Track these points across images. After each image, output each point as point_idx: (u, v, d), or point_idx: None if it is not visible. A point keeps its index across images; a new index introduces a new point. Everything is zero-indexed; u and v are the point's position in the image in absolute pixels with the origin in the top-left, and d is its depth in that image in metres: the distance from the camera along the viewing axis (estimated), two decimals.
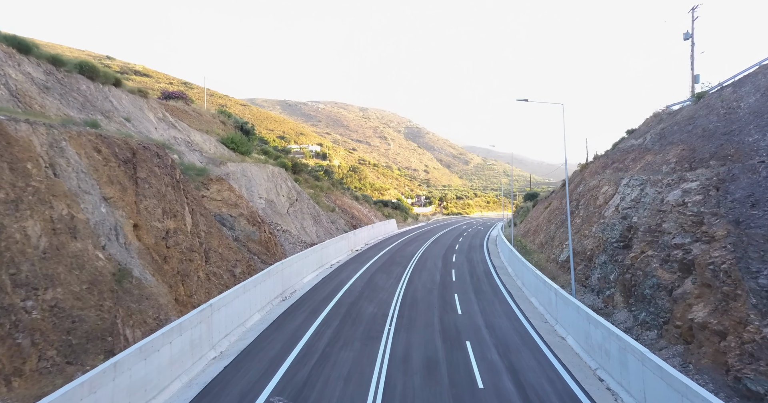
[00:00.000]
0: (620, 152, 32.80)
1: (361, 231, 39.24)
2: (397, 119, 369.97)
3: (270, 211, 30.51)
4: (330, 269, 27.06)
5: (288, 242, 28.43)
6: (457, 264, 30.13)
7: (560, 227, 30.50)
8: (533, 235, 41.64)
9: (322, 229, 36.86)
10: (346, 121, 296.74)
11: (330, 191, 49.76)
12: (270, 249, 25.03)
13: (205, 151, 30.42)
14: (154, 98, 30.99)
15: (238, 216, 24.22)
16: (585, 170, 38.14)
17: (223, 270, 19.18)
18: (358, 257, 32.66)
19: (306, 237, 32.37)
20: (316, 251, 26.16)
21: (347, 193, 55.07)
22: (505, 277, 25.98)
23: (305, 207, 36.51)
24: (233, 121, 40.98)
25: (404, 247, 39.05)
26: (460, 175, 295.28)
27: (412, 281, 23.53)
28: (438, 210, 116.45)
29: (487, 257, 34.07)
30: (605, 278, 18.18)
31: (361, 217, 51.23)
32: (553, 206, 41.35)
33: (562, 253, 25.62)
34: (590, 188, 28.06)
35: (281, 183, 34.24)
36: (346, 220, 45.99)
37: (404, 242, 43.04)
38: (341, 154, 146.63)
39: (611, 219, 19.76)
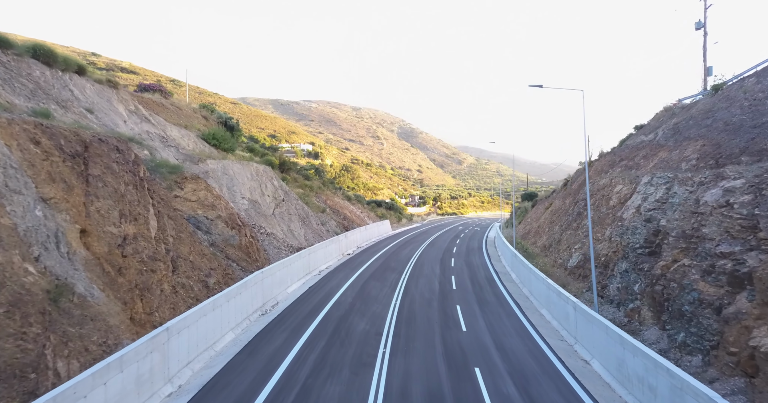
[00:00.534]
0: (629, 149, 30.84)
1: (353, 233, 36.97)
2: (390, 119, 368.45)
3: (253, 212, 28.15)
4: (318, 276, 24.76)
5: (272, 247, 26.08)
6: (457, 269, 27.96)
7: (566, 229, 28.45)
8: (534, 237, 39.62)
9: (311, 231, 34.53)
10: (338, 120, 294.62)
11: (320, 191, 47.42)
12: (251, 255, 22.68)
13: (183, 148, 27.98)
14: (126, 90, 28.49)
15: (215, 218, 21.85)
16: (589, 169, 36.18)
17: (193, 281, 16.81)
18: (349, 261, 30.38)
19: (293, 240, 30.03)
20: (303, 256, 23.85)
21: (339, 193, 52.75)
22: (510, 284, 23.85)
23: (293, 208, 34.16)
24: (216, 116, 38.52)
25: (399, 250, 36.83)
26: (454, 175, 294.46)
27: (408, 290, 21.31)
28: (432, 210, 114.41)
29: (488, 261, 31.95)
30: (627, 289, 16.08)
31: (353, 218, 48.95)
32: (555, 207, 39.37)
33: (572, 258, 23.55)
34: (600, 188, 26.03)
35: (267, 182, 31.87)
36: (337, 221, 43.69)
37: (399, 245, 40.83)
38: (334, 154, 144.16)
39: (632, 222, 17.67)
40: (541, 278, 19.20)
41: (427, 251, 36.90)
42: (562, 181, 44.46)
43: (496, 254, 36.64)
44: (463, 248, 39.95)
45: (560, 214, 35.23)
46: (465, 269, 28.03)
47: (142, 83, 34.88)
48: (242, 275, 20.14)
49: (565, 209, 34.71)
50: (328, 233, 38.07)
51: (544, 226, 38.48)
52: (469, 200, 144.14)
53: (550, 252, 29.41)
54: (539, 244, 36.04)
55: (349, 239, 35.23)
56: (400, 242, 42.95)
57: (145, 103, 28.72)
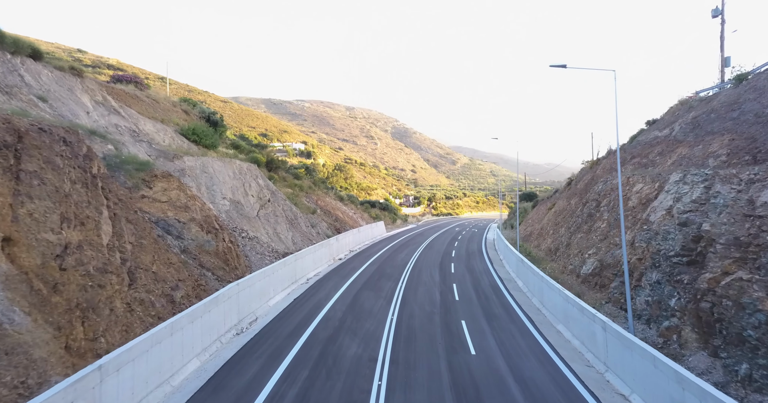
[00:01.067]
0: (641, 146, 28.77)
1: (345, 236, 34.60)
2: (384, 119, 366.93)
3: (235, 214, 25.70)
4: (306, 285, 22.36)
5: (255, 252, 23.65)
6: (458, 276, 25.69)
7: (576, 232, 26.27)
8: (537, 239, 37.48)
9: (300, 234, 32.11)
10: (332, 120, 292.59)
11: (311, 191, 44.99)
12: (229, 262, 20.24)
13: (157, 143, 25.47)
14: (95, 79, 25.90)
15: (188, 221, 19.39)
16: (596, 167, 34.10)
17: (156, 295, 14.37)
18: (341, 267, 28.00)
19: (279, 244, 27.60)
20: (289, 263, 21.44)
21: (331, 193, 50.32)
22: (517, 293, 21.61)
23: (280, 209, 31.72)
24: (198, 111, 35.97)
25: (394, 254, 34.51)
26: (447, 175, 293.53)
27: (406, 302, 18.99)
28: (427, 211, 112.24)
29: (490, 267, 29.72)
30: (660, 304, 13.88)
31: (345, 219, 46.56)
32: (559, 207, 37.25)
33: (585, 264, 21.35)
34: (614, 187, 23.86)
35: (251, 181, 29.41)
36: (328, 223, 41.29)
37: (394, 248, 38.50)
38: (327, 153, 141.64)
39: (662, 225, 15.47)
40: (555, 288, 16.96)
41: (424, 254, 34.61)
42: (566, 181, 42.39)
43: (498, 257, 34.43)
44: (463, 251, 37.72)
45: (566, 215, 33.09)
46: (467, 276, 25.77)
47: (116, 74, 32.27)
48: (217, 286, 17.73)
49: (571, 209, 32.59)
50: (318, 236, 35.68)
51: (548, 228, 36.34)
52: (464, 200, 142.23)
53: (558, 257, 27.22)
54: (543, 247, 33.89)
55: (340, 243, 32.85)
56: (396, 245, 40.63)
57: (116, 94, 26.15)
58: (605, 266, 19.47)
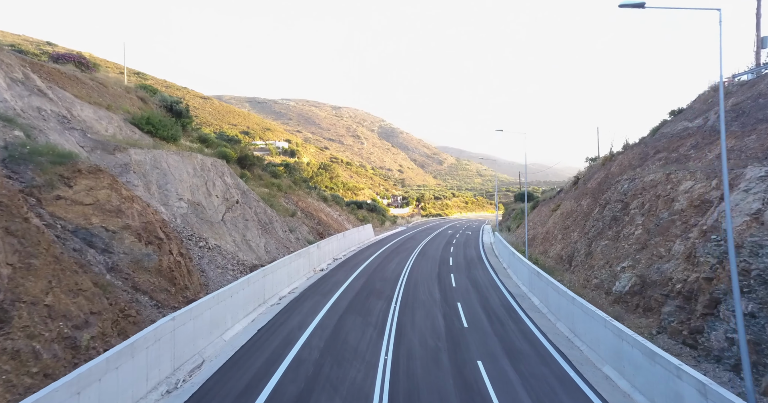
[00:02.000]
0: (666, 139, 25.13)
1: (328, 242, 30.34)
2: (371, 118, 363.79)
3: (194, 218, 21.30)
4: (277, 307, 18.08)
5: (215, 265, 19.27)
6: (461, 291, 21.66)
7: (597, 237, 22.45)
8: (543, 244, 33.73)
9: (275, 241, 27.75)
10: (318, 119, 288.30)
11: (291, 191, 40.60)
12: (177, 281, 15.87)
13: (96, 132, 20.92)
14: (16, 54, 21.21)
15: (120, 230, 14.97)
16: (610, 163, 30.45)
17: (45, 341, 9.97)
18: (322, 281, 23.76)
19: (248, 254, 23.25)
20: (255, 280, 17.14)
21: (313, 193, 45.93)
22: (536, 315, 17.66)
23: (251, 212, 27.33)
24: (159, 99, 31.33)
25: (385, 263, 30.35)
26: (435, 175, 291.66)
27: (403, 332, 14.86)
28: (416, 211, 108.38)
29: (495, 278, 25.77)
30: (759, 346, 10.02)
31: (329, 222, 42.26)
32: (566, 209, 33.54)
33: (619, 279, 17.47)
34: (647, 186, 20.10)
35: (216, 179, 24.98)
36: (310, 226, 36.98)
37: (384, 255, 34.36)
38: (312, 152, 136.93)
39: (748, 236, 11.61)
40: (598, 316, 13.00)
41: (418, 263, 30.54)
42: (571, 180, 38.75)
43: (501, 266, 30.54)
44: (461, 258, 33.76)
45: (577, 218, 29.37)
46: (472, 291, 21.75)
47: (55, 53, 27.51)
48: (155, 316, 13.40)
49: (584, 211, 28.88)
50: (297, 242, 31.37)
51: (555, 231, 32.61)
52: (453, 201, 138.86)
53: (575, 267, 23.40)
54: (552, 254, 30.12)
55: (323, 250, 28.59)
56: (386, 252, 36.48)
57: (46, 73, 21.51)
58: (649, 284, 15.61)
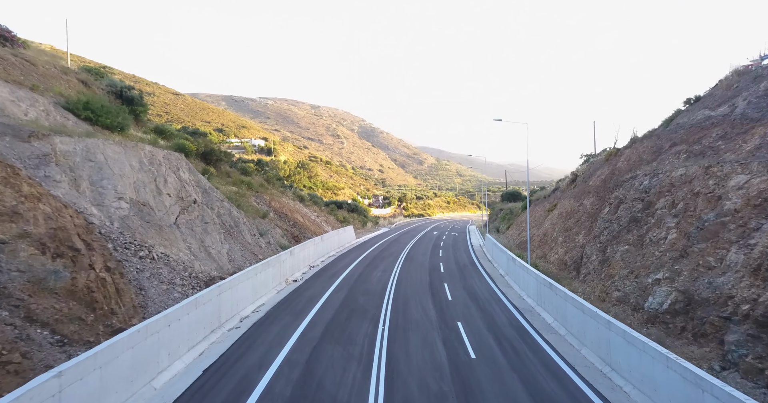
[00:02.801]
0: (684, 129, 22.42)
1: (304, 247, 26.71)
2: (351, 118, 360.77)
3: (137, 222, 17.44)
4: (235, 334, 14.43)
5: (159, 281, 15.48)
6: (460, 307, 18.39)
7: (612, 242, 19.50)
8: (540, 247, 30.86)
9: (241, 246, 24.01)
10: (296, 118, 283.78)
11: (263, 190, 36.76)
12: (100, 304, 12.09)
13: (11, 115, 16.88)
14: None
15: (13, 239, 11.14)
16: (616, 159, 27.73)
17: None
18: (294, 295, 20.16)
19: (206, 264, 19.49)
20: (205, 301, 13.48)
21: (288, 192, 42.08)
22: (554, 338, 14.51)
23: (213, 213, 23.53)
24: (107, 83, 27.11)
25: (368, 270, 26.91)
26: (415, 175, 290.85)
27: (395, 371, 11.44)
28: (398, 212, 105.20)
29: (495, 288, 22.64)
30: None
31: (306, 224, 38.57)
32: (565, 209, 30.75)
33: (652, 294, 14.47)
34: (678, 181, 17.21)
35: (168, 175, 21.10)
36: (284, 229, 33.26)
37: (367, 261, 30.92)
38: (290, 151, 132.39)
39: None
40: (655, 351, 9.83)
41: (406, 270, 27.21)
42: (568, 177, 36.07)
43: (497, 272, 27.45)
44: (452, 263, 30.57)
45: (580, 218, 26.56)
46: (471, 306, 18.51)
47: None
48: (55, 357, 9.71)
49: (588, 212, 26.09)
50: (268, 247, 27.65)
51: (554, 234, 29.77)
52: (435, 201, 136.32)
53: (587, 276, 20.44)
54: (553, 259, 27.24)
55: (297, 257, 24.96)
56: (369, 257, 33.03)
57: None
58: (698, 303, 12.61)
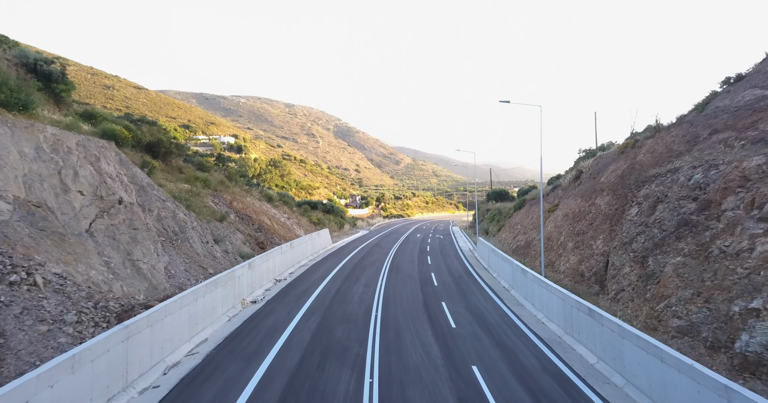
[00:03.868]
0: (728, 113, 18.64)
1: (267, 258, 21.86)
2: (326, 117, 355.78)
3: (24, 229, 12.38)
4: (150, 400, 9.60)
5: (37, 319, 10.43)
6: (469, 340, 14.03)
7: (656, 249, 15.49)
8: (545, 254, 26.92)
9: (186, 258, 19.00)
10: (270, 116, 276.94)
11: (223, 188, 31.63)
12: None
13: None
14: None
15: None
16: (634, 151, 23.96)
17: None
18: (250, 326, 15.36)
19: (130, 285, 14.48)
20: (93, 356, 8.62)
21: (254, 191, 36.94)
22: (595, 381, 10.27)
23: (150, 216, 18.45)
24: (17, 54, 21.55)
25: (347, 285, 22.29)
26: (392, 175, 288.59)
27: None
28: (376, 212, 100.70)
29: (506, 309, 18.38)
30: None
31: (275, 228, 33.61)
32: (570, 209, 26.88)
33: (751, 332, 10.42)
34: (756, 174, 13.30)
35: (82, 166, 15.97)
36: (247, 234, 28.26)
37: (345, 272, 26.28)
38: (262, 149, 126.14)
39: None
40: None
41: (393, 284, 22.73)
42: (571, 174, 32.30)
43: (500, 285, 23.26)
44: (445, 274, 26.24)
45: (595, 221, 22.68)
46: (484, 339, 14.17)
47: None
48: None
49: (603, 212, 22.24)
50: (224, 257, 22.70)
51: (561, 238, 25.84)
52: (414, 201, 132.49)
53: (621, 293, 16.41)
54: (563, 268, 23.28)
55: (258, 271, 20.12)
56: (347, 266, 28.38)
57: None
58: None
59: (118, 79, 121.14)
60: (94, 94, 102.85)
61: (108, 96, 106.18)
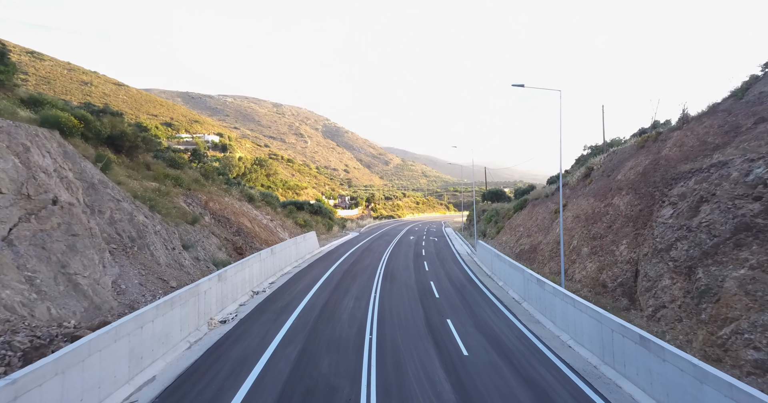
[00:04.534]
0: None
1: (243, 267, 18.84)
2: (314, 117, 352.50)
3: None
4: None
5: None
6: (484, 371, 11.23)
7: (706, 259, 12.89)
8: (551, 259, 24.33)
9: (143, 270, 15.90)
10: (258, 116, 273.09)
11: (198, 187, 28.51)
12: None
13: None
14: None
15: None
16: (657, 145, 21.44)
17: None
18: (212, 357, 12.36)
19: (62, 306, 11.39)
20: None
21: (234, 190, 33.78)
22: None
23: (99, 220, 15.33)
24: None
25: (334, 299, 19.37)
26: (381, 175, 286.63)
27: None
28: (365, 213, 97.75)
29: (521, 327, 15.63)
30: None
31: (256, 231, 30.56)
32: (582, 210, 24.32)
33: None
34: None
35: (3, 157, 12.83)
36: (223, 238, 25.21)
37: (333, 282, 23.38)
38: (248, 148, 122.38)
39: None
40: None
41: (388, 295, 19.88)
42: (581, 172, 29.77)
43: (508, 296, 20.53)
44: (446, 283, 23.47)
45: (614, 223, 20.12)
46: (504, 370, 11.39)
47: None
48: None
49: (624, 213, 19.70)
50: (195, 266, 19.67)
51: (573, 242, 23.25)
52: (404, 201, 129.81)
53: (665, 313, 13.79)
54: (579, 276, 20.69)
55: (230, 283, 17.13)
56: (336, 274, 25.48)
57: None
58: None
59: (96, 75, 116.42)
60: (70, 91, 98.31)
61: (86, 92, 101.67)
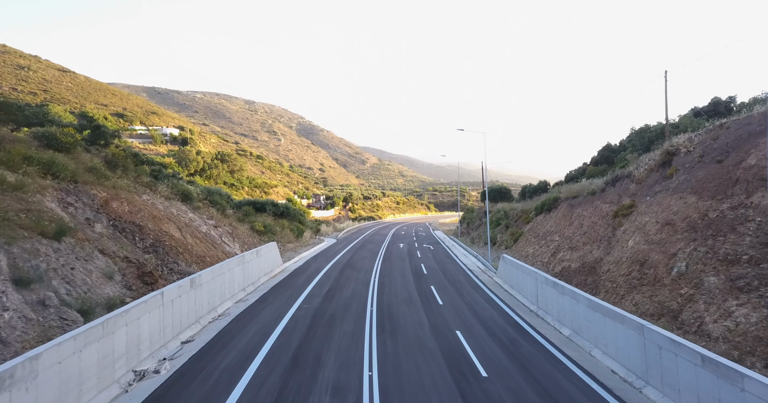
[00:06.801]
0: None
1: (146, 308, 9.56)
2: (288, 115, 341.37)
3: None
4: None
5: None
6: None
7: None
8: (629, 290, 15.92)
9: None
10: (228, 113, 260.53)
11: (94, 180, 18.84)
12: None
13: None
14: None
15: None
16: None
17: None
18: None
19: None
20: None
21: (160, 185, 24.05)
22: None
23: None
24: None
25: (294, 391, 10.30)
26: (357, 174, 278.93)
27: None
28: (343, 213, 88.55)
29: None
30: None
31: (187, 243, 21.08)
32: (687, 214, 15.97)
33: None
34: None
35: None
36: (122, 258, 15.74)
37: (292, 343, 14.25)
38: (213, 143, 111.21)
39: None
40: None
41: (395, 384, 10.98)
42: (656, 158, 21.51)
43: (598, 364, 11.93)
44: (485, 340, 14.70)
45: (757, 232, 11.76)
46: None
47: None
48: None
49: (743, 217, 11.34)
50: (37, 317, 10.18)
51: (680, 265, 14.84)
52: (384, 201, 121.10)
53: None
54: (717, 328, 12.25)
55: (67, 373, 7.88)
56: (298, 323, 16.30)
57: None
58: None
59: (37, 60, 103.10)
60: (2, 74, 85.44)
61: (21, 77, 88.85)
